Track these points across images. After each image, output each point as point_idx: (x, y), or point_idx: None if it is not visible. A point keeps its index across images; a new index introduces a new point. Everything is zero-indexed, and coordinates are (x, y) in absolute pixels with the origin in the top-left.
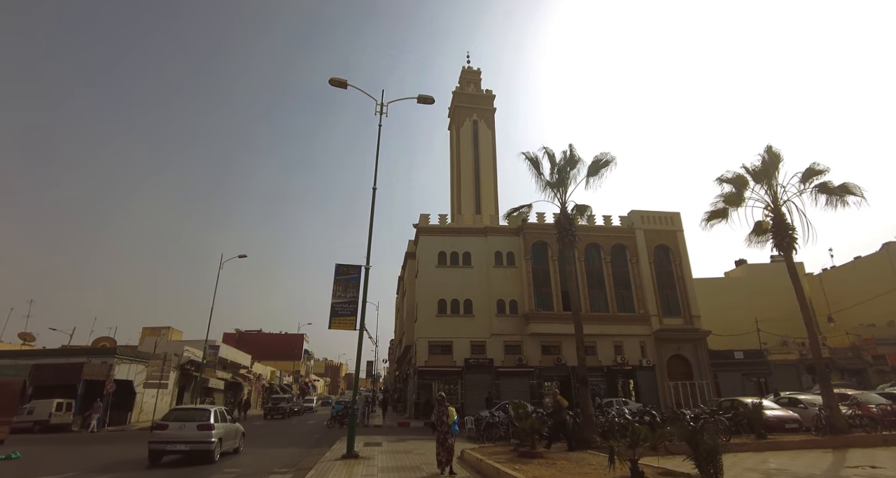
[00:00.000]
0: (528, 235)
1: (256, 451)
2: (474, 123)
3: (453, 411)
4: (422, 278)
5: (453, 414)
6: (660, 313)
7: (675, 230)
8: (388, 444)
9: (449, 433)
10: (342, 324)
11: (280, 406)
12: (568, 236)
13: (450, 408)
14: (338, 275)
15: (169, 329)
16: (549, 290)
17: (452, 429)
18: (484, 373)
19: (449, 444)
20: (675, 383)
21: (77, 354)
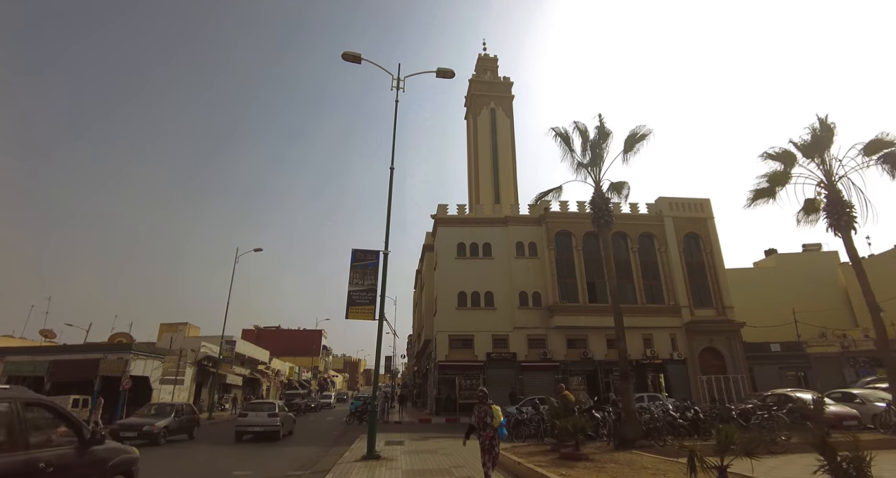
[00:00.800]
0: (551, 224)
1: (271, 449)
2: (492, 112)
3: (498, 411)
4: (441, 271)
5: (499, 414)
6: (691, 305)
7: (704, 217)
8: (410, 443)
9: (495, 438)
10: (360, 313)
11: (294, 403)
12: (604, 217)
13: (494, 406)
14: (354, 261)
15: (186, 325)
16: (573, 281)
17: (499, 432)
18: (507, 368)
19: (495, 452)
20: (707, 377)
21: (93, 350)
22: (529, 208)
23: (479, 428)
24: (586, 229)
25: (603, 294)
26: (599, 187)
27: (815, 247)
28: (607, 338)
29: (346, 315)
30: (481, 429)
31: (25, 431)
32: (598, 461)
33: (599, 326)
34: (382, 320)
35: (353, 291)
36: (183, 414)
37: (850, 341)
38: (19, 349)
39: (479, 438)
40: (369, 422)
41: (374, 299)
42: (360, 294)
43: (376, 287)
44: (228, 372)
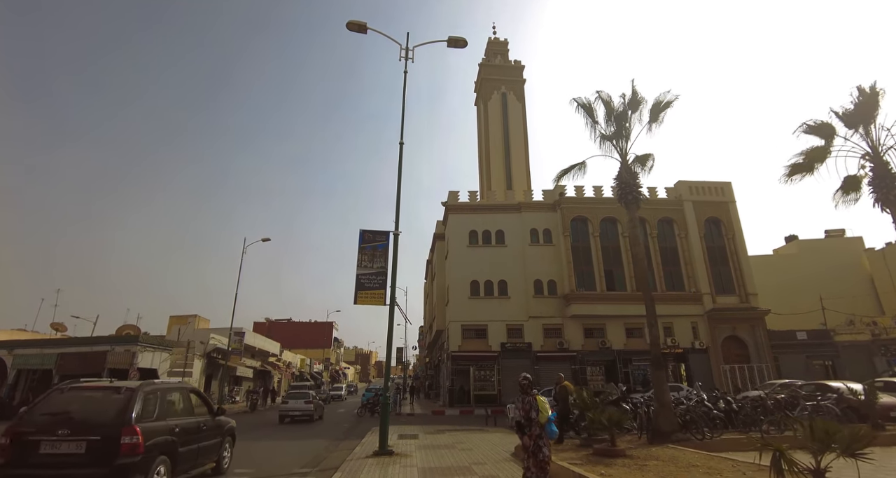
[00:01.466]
0: (567, 210)
1: (278, 444)
2: (503, 96)
3: (545, 403)
4: (452, 259)
5: (546, 407)
6: (712, 292)
7: (726, 201)
8: (424, 436)
9: (542, 437)
10: (369, 298)
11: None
12: (632, 194)
13: (539, 398)
14: (363, 242)
15: (195, 317)
16: (590, 268)
17: (548, 431)
18: (522, 358)
19: (543, 456)
20: (730, 366)
21: (101, 342)
22: (544, 194)
23: (524, 426)
24: (603, 215)
25: (621, 282)
26: (626, 161)
27: (839, 233)
28: (626, 327)
29: (355, 300)
30: (527, 427)
31: (191, 406)
32: (636, 458)
33: (618, 315)
34: (394, 305)
35: (361, 275)
36: None
37: (881, 329)
38: (28, 342)
39: (522, 438)
40: (381, 415)
41: (385, 283)
42: (369, 278)
43: (386, 270)
44: (238, 364)
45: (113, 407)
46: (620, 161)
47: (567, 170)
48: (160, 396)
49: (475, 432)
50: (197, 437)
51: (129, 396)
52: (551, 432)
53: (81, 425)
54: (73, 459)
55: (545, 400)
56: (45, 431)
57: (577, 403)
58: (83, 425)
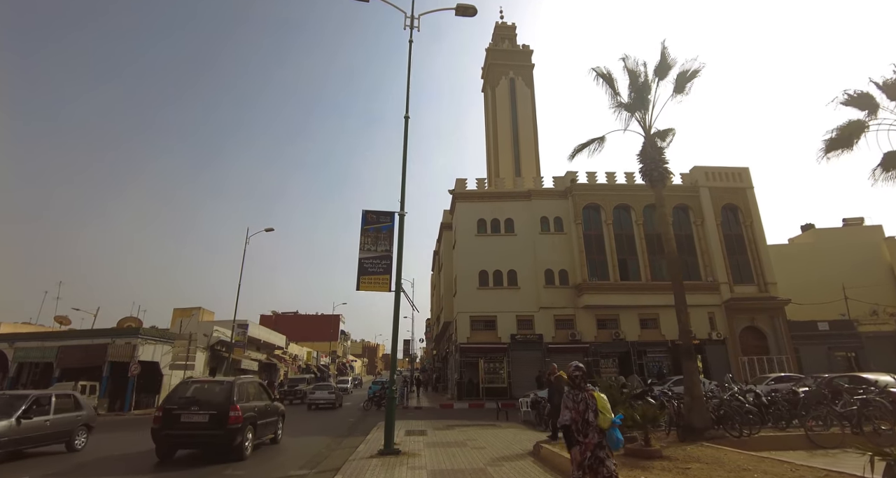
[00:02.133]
0: (578, 197)
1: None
2: (511, 82)
3: (605, 402)
4: (460, 248)
5: (607, 407)
6: (730, 281)
7: (744, 187)
8: (433, 432)
9: (605, 449)
10: (373, 284)
11: (298, 389)
12: (658, 170)
13: (597, 394)
14: (365, 224)
15: (199, 310)
16: (603, 257)
17: (611, 439)
18: (533, 350)
19: (608, 472)
20: (749, 358)
21: (101, 335)
22: (554, 181)
23: (579, 430)
24: (616, 202)
25: (635, 271)
26: (650, 135)
27: (857, 221)
28: (640, 318)
29: (357, 286)
30: (583, 431)
31: (260, 394)
32: (674, 460)
33: (632, 305)
34: (399, 291)
35: (364, 259)
36: None
37: None
38: (28, 335)
39: (574, 446)
40: (387, 411)
41: (390, 268)
42: (372, 262)
43: (391, 254)
44: (242, 357)
45: (222, 394)
46: (644, 135)
47: (585, 145)
48: (245, 386)
49: (487, 427)
50: (265, 415)
51: (230, 386)
52: (616, 440)
53: (205, 404)
54: (201, 424)
55: (605, 398)
56: (183, 407)
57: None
58: (206, 404)
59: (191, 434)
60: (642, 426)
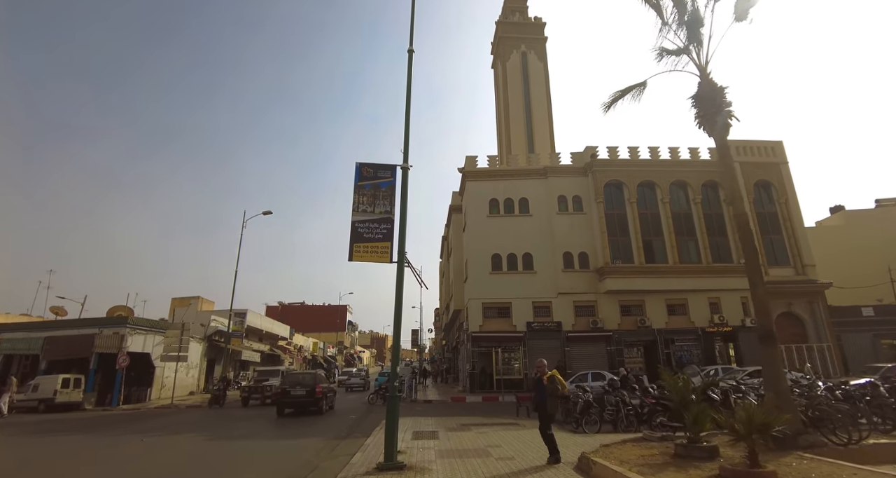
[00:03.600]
0: (599, 174)
1: (260, 445)
2: (523, 56)
3: None
4: (471, 231)
5: None
6: (764, 263)
7: (777, 162)
8: (446, 435)
9: None
10: (370, 253)
11: (266, 385)
12: (719, 114)
13: None
14: (360, 179)
15: (198, 299)
16: (626, 238)
17: None
18: (550, 338)
19: None
20: (786, 346)
21: (88, 325)
22: (572, 157)
23: None
24: (640, 179)
25: (661, 253)
26: (706, 73)
27: (891, 201)
28: (667, 303)
29: (350, 256)
30: None
31: (328, 378)
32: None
33: (658, 290)
34: (403, 263)
35: (358, 222)
36: None
37: None
38: (14, 326)
39: None
40: (388, 413)
41: (391, 234)
42: (369, 226)
43: (392, 216)
44: (241, 347)
45: (312, 379)
46: (699, 74)
47: (624, 92)
48: (321, 375)
49: (508, 427)
50: (330, 391)
51: (315, 375)
52: None
53: (303, 385)
54: (302, 396)
55: None
56: (291, 386)
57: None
58: (304, 385)
59: (296, 401)
60: (746, 438)
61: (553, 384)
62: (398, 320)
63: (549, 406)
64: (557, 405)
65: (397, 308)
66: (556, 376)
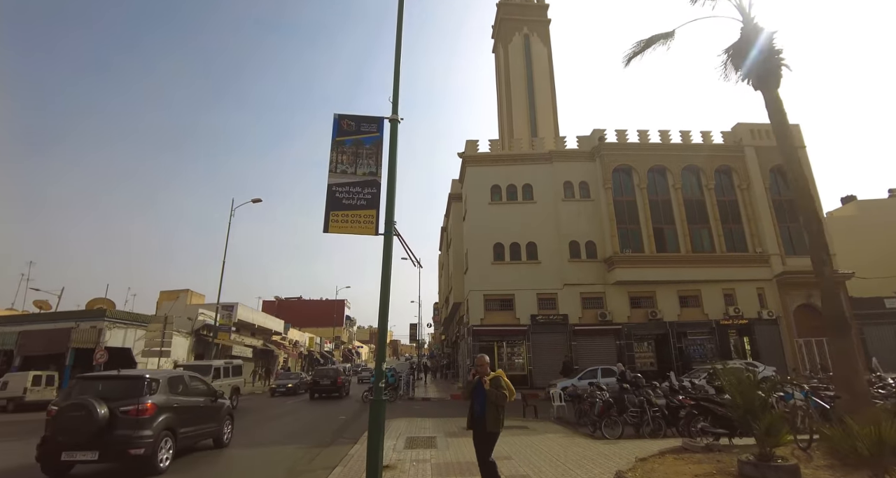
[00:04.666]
0: (607, 158)
1: (227, 454)
2: (525, 38)
3: None
4: (472, 219)
5: None
6: (781, 252)
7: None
8: (446, 442)
9: None
10: (350, 223)
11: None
12: (768, 62)
13: None
14: (339, 134)
15: (187, 292)
16: (636, 227)
17: None
18: (556, 332)
19: None
20: (805, 340)
21: (64, 318)
22: (579, 141)
23: None
24: (651, 164)
25: (673, 242)
26: (750, 18)
27: None
28: (679, 295)
29: (325, 226)
30: None
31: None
32: None
33: (669, 281)
34: (391, 235)
35: (336, 186)
36: None
37: None
38: None
39: None
40: (370, 422)
41: (377, 199)
42: (349, 190)
43: (379, 178)
44: (231, 342)
45: (335, 372)
46: (741, 19)
47: (650, 41)
48: (342, 369)
49: (517, 432)
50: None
51: (338, 369)
52: None
53: (329, 377)
54: (328, 386)
55: None
56: (320, 378)
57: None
58: (329, 378)
59: (324, 389)
60: (880, 459)
61: (498, 389)
62: (385, 305)
63: (489, 421)
64: (502, 420)
65: (384, 290)
66: (503, 378)
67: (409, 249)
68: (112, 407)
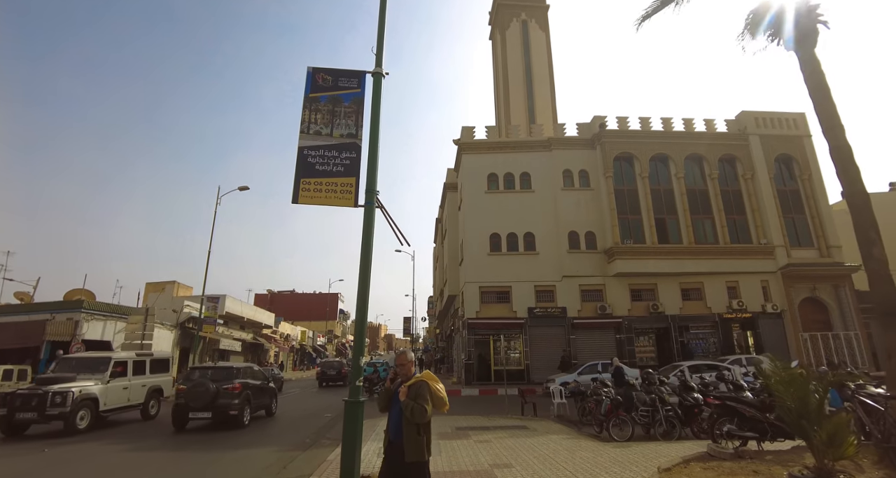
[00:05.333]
0: (608, 146)
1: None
2: (523, 24)
3: None
4: (468, 208)
5: None
6: (786, 244)
7: (800, 136)
8: (437, 444)
9: None
10: (324, 192)
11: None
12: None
13: None
14: (312, 90)
15: (174, 284)
16: (637, 217)
17: None
18: (554, 326)
19: None
20: (810, 334)
21: (39, 310)
22: (579, 128)
23: None
24: (653, 152)
25: (675, 232)
26: None
27: None
28: (682, 287)
29: (295, 196)
30: None
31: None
32: None
33: (672, 273)
34: (373, 207)
35: (308, 149)
36: None
37: None
38: None
39: None
40: (345, 426)
41: (356, 166)
42: (323, 155)
43: (359, 141)
44: (217, 335)
45: (339, 364)
46: None
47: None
48: (346, 362)
49: (516, 433)
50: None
51: (342, 362)
52: None
53: (334, 369)
54: (334, 375)
55: None
56: (327, 369)
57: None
58: (335, 369)
59: (330, 378)
60: None
61: (420, 398)
62: (364, 289)
63: (407, 448)
64: (425, 445)
65: (363, 271)
66: (429, 384)
67: (395, 224)
68: (217, 385)
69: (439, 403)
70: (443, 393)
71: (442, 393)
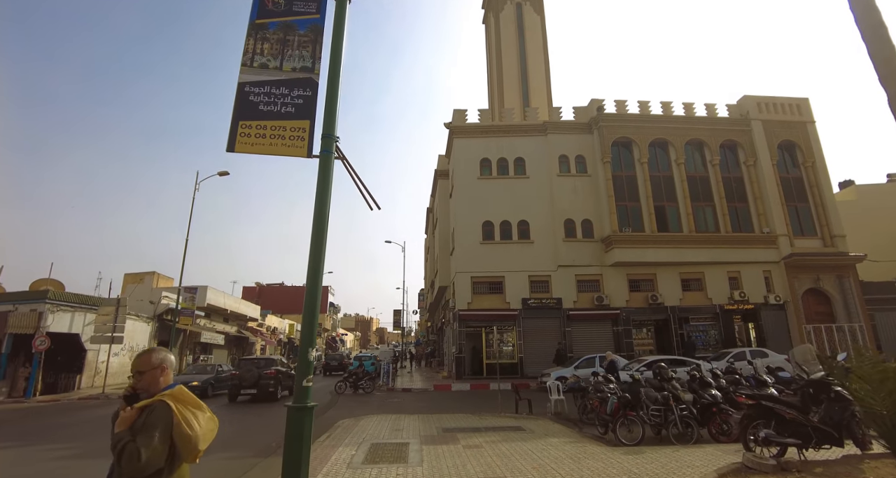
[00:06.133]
0: (606, 130)
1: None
2: (517, 7)
3: None
4: (459, 195)
5: None
6: (790, 233)
7: (804, 121)
8: (420, 450)
9: None
10: (268, 139)
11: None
12: None
13: None
14: (259, 15)
15: (153, 274)
16: (636, 204)
17: None
18: (549, 317)
19: None
20: (814, 326)
21: (1, 300)
22: (575, 112)
23: None
24: (652, 137)
25: (675, 220)
26: None
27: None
28: (682, 277)
29: (231, 144)
30: None
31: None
32: None
33: (671, 262)
34: (331, 157)
35: (251, 85)
36: None
37: None
38: None
39: None
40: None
41: (311, 106)
42: (269, 92)
43: (315, 77)
44: (200, 329)
45: (340, 356)
46: None
47: None
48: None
49: (510, 435)
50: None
51: (343, 355)
52: None
53: (336, 360)
54: (336, 365)
55: None
56: (331, 361)
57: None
58: (336, 360)
59: (334, 368)
60: None
61: (145, 432)
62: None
63: None
64: None
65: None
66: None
67: (360, 181)
68: (259, 371)
69: (185, 446)
70: (195, 430)
71: (193, 430)
